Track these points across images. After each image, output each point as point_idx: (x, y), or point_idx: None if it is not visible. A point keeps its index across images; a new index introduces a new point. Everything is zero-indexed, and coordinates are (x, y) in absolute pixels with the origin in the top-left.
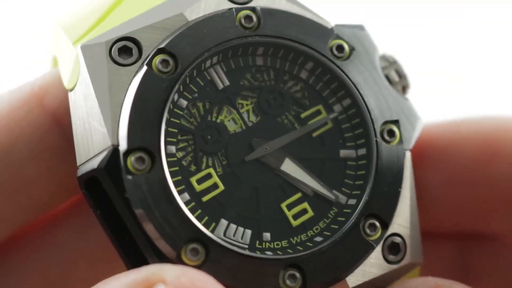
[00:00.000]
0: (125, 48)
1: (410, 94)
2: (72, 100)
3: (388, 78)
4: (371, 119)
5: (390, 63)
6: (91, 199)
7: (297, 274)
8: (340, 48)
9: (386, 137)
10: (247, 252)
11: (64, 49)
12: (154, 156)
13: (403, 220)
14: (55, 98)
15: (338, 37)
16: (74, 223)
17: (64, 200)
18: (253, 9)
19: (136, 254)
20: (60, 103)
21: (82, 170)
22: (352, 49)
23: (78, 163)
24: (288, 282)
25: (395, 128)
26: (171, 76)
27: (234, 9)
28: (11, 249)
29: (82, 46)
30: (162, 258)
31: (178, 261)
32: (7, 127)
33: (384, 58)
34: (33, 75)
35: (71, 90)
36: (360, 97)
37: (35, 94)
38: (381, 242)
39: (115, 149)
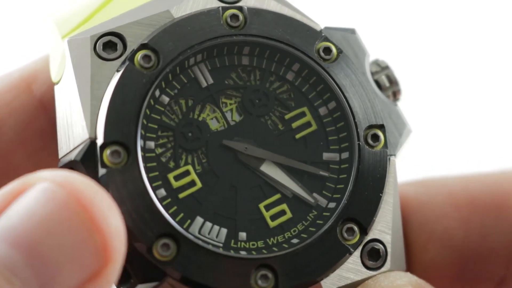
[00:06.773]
0: (110, 43)
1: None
2: (57, 94)
3: (378, 83)
4: (355, 122)
5: (381, 68)
6: None
7: (270, 275)
8: (327, 50)
9: (370, 142)
10: (218, 251)
11: (55, 44)
12: (130, 151)
13: (384, 226)
14: (42, 84)
15: (326, 39)
16: None
17: None
18: (240, 8)
19: None
20: (47, 89)
21: (62, 162)
22: (339, 52)
23: (60, 155)
24: (260, 282)
25: (379, 133)
26: (152, 71)
27: (220, 8)
28: None
29: (68, 40)
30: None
31: (148, 255)
32: None
33: (376, 63)
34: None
35: (57, 83)
36: (345, 100)
37: (24, 79)
38: (360, 247)
39: (92, 142)
